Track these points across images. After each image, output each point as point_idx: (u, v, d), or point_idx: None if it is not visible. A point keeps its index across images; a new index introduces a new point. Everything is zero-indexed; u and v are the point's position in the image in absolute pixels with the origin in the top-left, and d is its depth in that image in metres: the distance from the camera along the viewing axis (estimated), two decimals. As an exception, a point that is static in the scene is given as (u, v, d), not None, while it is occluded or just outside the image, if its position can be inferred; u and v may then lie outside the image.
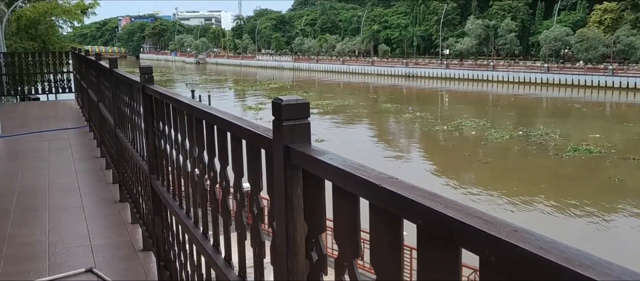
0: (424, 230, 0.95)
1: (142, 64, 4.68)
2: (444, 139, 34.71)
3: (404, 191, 0.99)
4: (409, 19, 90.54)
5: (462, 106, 50.54)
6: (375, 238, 1.11)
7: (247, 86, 70.27)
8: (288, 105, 1.45)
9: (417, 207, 0.94)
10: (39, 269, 4.24)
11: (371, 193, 1.08)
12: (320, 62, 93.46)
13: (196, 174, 2.65)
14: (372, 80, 77.66)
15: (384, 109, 47.85)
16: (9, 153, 8.67)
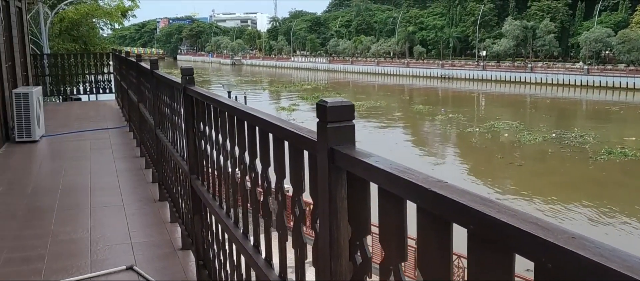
0: (475, 235, 0.94)
1: (179, 65, 4.74)
2: (476, 141, 34.32)
3: (455, 195, 0.98)
4: (445, 20, 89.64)
5: (496, 108, 49.87)
6: (423, 241, 1.10)
7: (280, 87, 70.65)
8: (333, 107, 1.45)
9: (469, 211, 0.93)
10: (81, 266, 4.34)
11: (420, 197, 1.08)
12: (355, 63, 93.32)
13: (237, 175, 2.67)
14: (407, 82, 77.17)
15: (416, 111, 47.60)
16: (52, 152, 8.90)
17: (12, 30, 10.70)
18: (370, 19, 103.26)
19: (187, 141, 3.88)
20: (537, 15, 75.64)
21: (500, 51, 76.28)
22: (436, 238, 1.06)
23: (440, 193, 1.01)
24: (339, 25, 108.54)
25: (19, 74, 11.23)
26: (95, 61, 16.04)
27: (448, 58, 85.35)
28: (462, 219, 0.95)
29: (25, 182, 6.92)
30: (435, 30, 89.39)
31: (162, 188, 5.84)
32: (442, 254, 1.06)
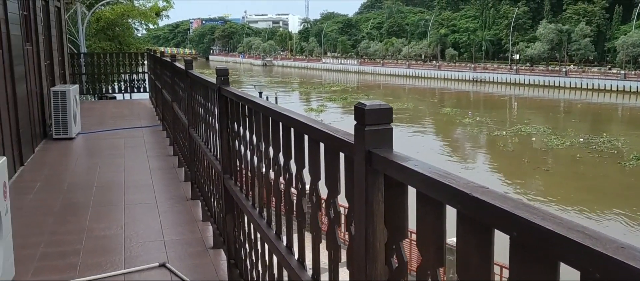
0: (518, 242, 0.93)
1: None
2: (503, 145, 33.94)
3: (497, 202, 0.97)
4: (478, 23, 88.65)
5: (526, 112, 49.23)
6: (463, 247, 1.09)
7: (309, 88, 70.94)
8: (371, 110, 1.45)
9: (513, 218, 0.92)
10: (115, 262, 4.42)
11: (460, 202, 1.07)
12: (386, 65, 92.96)
13: (271, 176, 2.69)
14: (438, 84, 76.57)
15: (443, 114, 47.29)
16: (87, 149, 9.08)
17: (51, 29, 10.96)
18: (402, 21, 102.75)
19: (220, 141, 3.92)
20: (573, 19, 74.22)
21: (534, 55, 75.09)
22: (477, 244, 1.05)
23: (483, 198, 1.00)
24: (370, 27, 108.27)
25: (57, 72, 11.49)
26: (130, 61, 16.33)
27: (480, 61, 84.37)
28: (505, 226, 0.94)
29: (61, 178, 7.08)
30: (468, 33, 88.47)
31: (195, 187, 5.91)
32: (483, 260, 1.04)
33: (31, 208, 5.78)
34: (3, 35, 6.89)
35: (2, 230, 3.63)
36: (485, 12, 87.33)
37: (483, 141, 36.47)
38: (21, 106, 7.66)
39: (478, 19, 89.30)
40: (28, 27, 8.69)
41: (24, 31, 8.23)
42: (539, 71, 71.97)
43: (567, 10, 75.92)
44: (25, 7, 8.56)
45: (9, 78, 7.08)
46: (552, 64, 75.36)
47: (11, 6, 7.31)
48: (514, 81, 71.40)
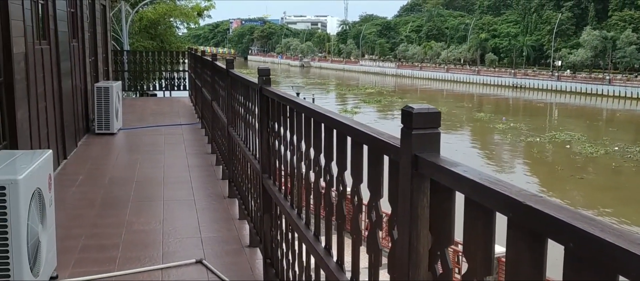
0: (574, 253, 0.90)
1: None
2: (535, 151, 33.36)
3: (552, 211, 0.94)
4: (520, 28, 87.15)
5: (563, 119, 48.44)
6: (514, 256, 1.07)
7: (345, 90, 71.14)
8: (419, 114, 1.43)
9: (569, 228, 0.89)
10: (153, 256, 4.48)
11: (512, 210, 1.04)
12: (424, 69, 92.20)
13: (311, 177, 2.69)
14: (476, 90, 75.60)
15: (476, 118, 46.81)
16: (128, 144, 9.26)
17: (96, 26, 11.22)
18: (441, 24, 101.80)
19: (260, 141, 3.94)
20: (618, 26, 72.28)
21: (577, 62, 73.40)
22: (528, 253, 1.03)
23: (537, 207, 0.97)
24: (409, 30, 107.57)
25: (101, 69, 11.76)
26: (171, 59, 16.61)
27: (521, 67, 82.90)
28: (561, 236, 0.91)
29: (103, 172, 7.23)
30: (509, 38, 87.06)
31: (232, 185, 5.96)
32: (535, 270, 1.02)
33: (73, 201, 5.92)
34: (51, 31, 7.09)
35: (47, 221, 3.72)
36: (527, 17, 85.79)
37: (514, 146, 36.04)
38: (66, 100, 7.86)
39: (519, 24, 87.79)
40: (75, 24, 8.92)
41: (70, 28, 8.45)
42: (581, 78, 70.31)
43: (613, 16, 73.99)
44: (73, 4, 8.78)
45: (55, 73, 7.27)
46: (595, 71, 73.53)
47: (59, 4, 7.51)
48: (555, 87, 69.95)
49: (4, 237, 3.22)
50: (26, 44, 5.81)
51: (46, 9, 6.88)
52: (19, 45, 5.53)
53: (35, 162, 3.58)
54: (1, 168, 3.44)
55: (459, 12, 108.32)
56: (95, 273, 4.13)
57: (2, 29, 5.15)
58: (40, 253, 3.58)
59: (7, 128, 5.28)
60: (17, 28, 5.49)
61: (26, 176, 3.30)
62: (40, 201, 3.59)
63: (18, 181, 3.21)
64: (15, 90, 5.36)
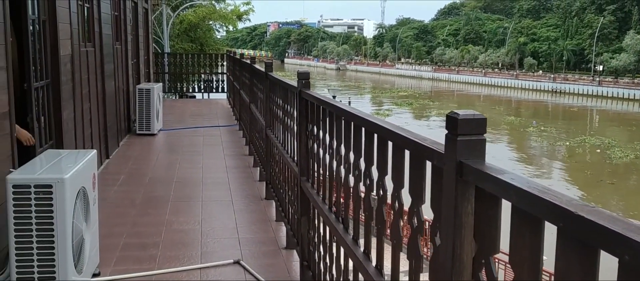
0: (629, 266, 0.88)
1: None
2: (564, 156, 32.78)
3: (606, 222, 0.93)
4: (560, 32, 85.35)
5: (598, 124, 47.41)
6: (564, 267, 1.05)
7: (378, 93, 71.15)
8: (464, 120, 1.42)
9: (625, 241, 0.87)
10: (192, 256, 4.55)
11: (563, 220, 1.03)
12: (461, 73, 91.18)
13: (350, 181, 2.69)
14: (514, 94, 74.40)
15: (507, 122, 46.14)
16: (168, 145, 9.42)
17: (138, 29, 11.46)
18: (479, 28, 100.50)
19: (298, 143, 3.96)
20: (664, 30, 70.16)
21: (619, 67, 71.47)
22: (580, 265, 1.01)
23: (590, 218, 0.95)
24: (446, 33, 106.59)
25: (142, 71, 12.00)
26: (210, 61, 16.84)
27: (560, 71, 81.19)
28: (615, 248, 0.89)
29: (143, 172, 7.37)
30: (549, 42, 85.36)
31: (269, 187, 6.00)
32: None
33: (115, 200, 6.05)
34: (96, 34, 7.27)
35: (91, 219, 3.82)
36: (567, 21, 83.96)
37: (543, 150, 35.62)
38: (109, 102, 8.05)
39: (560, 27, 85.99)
40: (118, 27, 9.13)
41: (114, 31, 8.65)
42: (623, 84, 68.44)
43: (658, 20, 71.85)
44: (117, 8, 8.99)
45: (99, 75, 7.45)
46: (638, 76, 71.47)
47: (104, 7, 7.70)
48: (596, 93, 68.27)
49: (50, 234, 3.31)
50: (72, 46, 5.98)
51: (91, 12, 7.06)
52: (65, 48, 5.69)
53: (81, 161, 3.67)
54: (48, 167, 3.54)
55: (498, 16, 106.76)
56: (135, 271, 4.21)
57: (50, 31, 5.31)
58: (84, 251, 3.68)
59: (54, 128, 5.44)
60: (64, 31, 5.65)
61: (72, 175, 3.40)
62: (84, 199, 3.68)
63: (64, 180, 3.30)
64: (62, 91, 5.52)
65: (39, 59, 5.05)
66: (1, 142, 3.89)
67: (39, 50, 5.03)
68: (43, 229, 3.30)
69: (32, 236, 3.30)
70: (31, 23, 4.80)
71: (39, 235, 3.30)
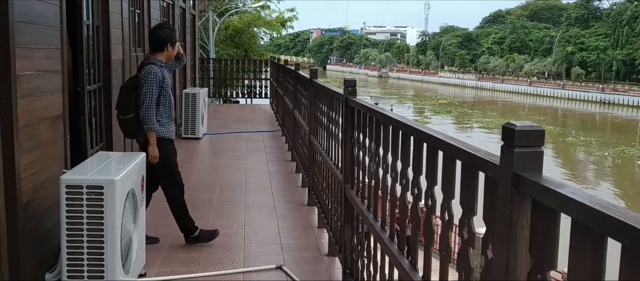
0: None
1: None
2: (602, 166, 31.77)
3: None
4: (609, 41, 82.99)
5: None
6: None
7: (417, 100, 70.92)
8: (521, 131, 1.40)
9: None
10: (235, 260, 4.59)
11: (629, 237, 0.99)
12: (506, 82, 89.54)
13: (397, 189, 2.67)
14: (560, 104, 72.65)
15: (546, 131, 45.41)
16: (212, 149, 9.55)
17: (186, 35, 11.68)
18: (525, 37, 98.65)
19: (343, 151, 3.96)
20: None
21: (673, 78, 69.03)
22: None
23: (659, 236, 0.92)
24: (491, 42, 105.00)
25: (188, 75, 12.22)
26: (254, 67, 17.04)
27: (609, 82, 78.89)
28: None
29: (188, 175, 7.47)
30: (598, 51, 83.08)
31: (312, 193, 6.01)
32: (653, 302, 0.97)
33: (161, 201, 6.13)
34: (146, 39, 7.44)
35: (138, 220, 3.90)
36: (618, 30, 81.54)
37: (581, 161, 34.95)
38: (156, 105, 8.21)
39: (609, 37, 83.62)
40: (167, 33, 9.31)
41: (163, 36, 8.83)
42: (677, 95, 66.08)
43: None
44: (166, 14, 9.20)
45: (147, 79, 7.62)
46: (694, 88, 68.92)
47: (154, 13, 7.89)
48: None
49: (100, 234, 3.40)
50: (123, 51, 6.14)
51: (142, 18, 7.24)
52: (117, 52, 5.85)
53: (131, 163, 3.76)
54: (99, 169, 3.64)
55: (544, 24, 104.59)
56: (180, 272, 4.27)
57: (104, 36, 5.47)
58: (132, 251, 3.76)
59: (104, 130, 5.59)
60: (116, 36, 5.81)
61: (122, 177, 3.48)
62: (133, 201, 3.76)
63: (115, 182, 3.38)
64: (113, 95, 5.66)
65: (92, 63, 5.20)
66: (56, 143, 4.01)
67: (92, 54, 5.19)
68: (93, 229, 3.38)
69: (82, 235, 3.39)
70: (86, 28, 4.96)
71: (90, 234, 3.39)
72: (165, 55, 4.72)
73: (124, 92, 4.70)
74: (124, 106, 4.64)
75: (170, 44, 4.71)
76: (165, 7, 9.11)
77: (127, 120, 4.65)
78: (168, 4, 9.42)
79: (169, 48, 4.72)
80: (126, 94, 4.65)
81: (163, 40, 4.68)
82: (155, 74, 4.53)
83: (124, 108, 4.64)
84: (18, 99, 3.30)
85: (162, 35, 4.73)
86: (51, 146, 3.92)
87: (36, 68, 3.62)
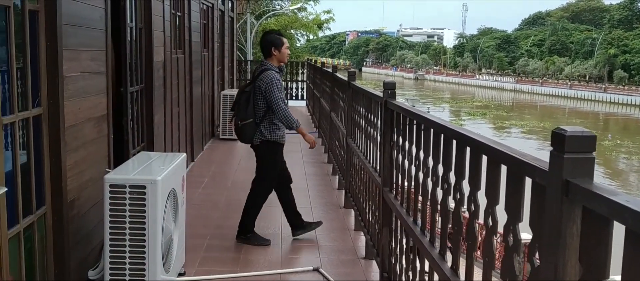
0: None
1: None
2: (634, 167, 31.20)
3: None
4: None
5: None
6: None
7: (453, 103, 70.39)
8: (572, 137, 1.36)
9: None
10: (272, 261, 4.62)
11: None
12: (545, 85, 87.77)
13: (438, 194, 2.64)
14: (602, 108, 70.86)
15: None
16: (249, 150, 9.49)
17: (224, 37, 11.82)
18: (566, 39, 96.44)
19: (382, 153, 3.94)
20: None
21: None
22: None
23: None
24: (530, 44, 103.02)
25: (226, 77, 12.36)
26: (291, 69, 17.10)
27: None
28: None
29: (226, 176, 7.57)
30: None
31: (348, 196, 6.01)
32: None
33: (200, 202, 6.24)
34: (186, 41, 7.56)
35: (179, 220, 3.96)
36: (664, 32, 79.14)
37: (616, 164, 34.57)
38: (195, 106, 8.34)
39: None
40: (206, 35, 9.46)
41: (202, 39, 8.97)
42: None
43: None
44: (205, 17, 9.32)
45: (188, 81, 7.74)
46: None
47: (194, 15, 8.00)
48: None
49: (142, 233, 3.46)
50: (165, 53, 6.24)
51: (183, 21, 7.35)
52: (159, 54, 5.95)
53: (172, 164, 3.82)
54: (141, 169, 3.70)
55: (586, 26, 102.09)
56: (218, 272, 4.32)
57: (146, 39, 5.57)
58: (172, 250, 3.81)
59: (146, 131, 5.69)
60: (158, 38, 5.92)
61: (164, 177, 3.53)
62: (174, 201, 3.82)
63: (157, 182, 3.44)
64: (154, 96, 5.77)
65: (135, 65, 5.31)
66: (100, 143, 4.11)
67: (135, 56, 5.29)
68: (135, 228, 3.45)
69: (125, 234, 3.46)
70: (129, 31, 5.06)
71: (132, 233, 3.45)
72: (275, 59, 4.92)
73: (242, 97, 4.92)
74: (243, 111, 4.85)
75: (275, 47, 4.90)
76: (204, 10, 9.23)
77: (245, 125, 4.89)
78: (208, 6, 9.54)
79: (275, 51, 4.89)
80: (245, 100, 4.87)
81: (268, 44, 4.91)
82: (277, 78, 4.79)
83: (243, 114, 4.86)
84: (65, 99, 3.39)
85: (268, 39, 4.96)
86: (95, 145, 4.02)
87: (82, 70, 3.71)
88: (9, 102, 2.91)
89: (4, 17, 2.84)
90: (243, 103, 4.86)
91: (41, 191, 3.31)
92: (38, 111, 3.22)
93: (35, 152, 3.19)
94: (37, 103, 3.23)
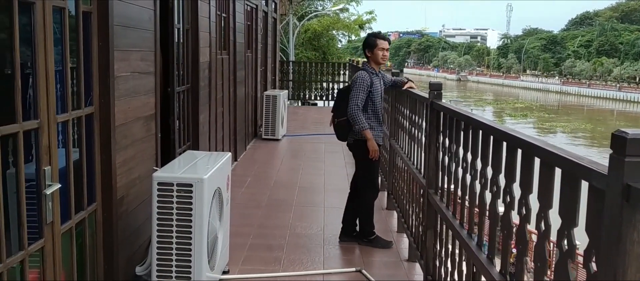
0: None
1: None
2: None
3: None
4: None
5: None
6: None
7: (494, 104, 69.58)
8: (634, 139, 1.32)
9: None
10: (315, 261, 4.63)
11: None
12: (592, 86, 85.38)
13: (486, 196, 2.60)
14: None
15: None
16: (291, 150, 9.67)
17: (267, 38, 11.92)
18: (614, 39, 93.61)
19: (427, 155, 3.90)
20: None
21: None
22: None
23: None
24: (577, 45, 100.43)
25: (269, 78, 12.46)
26: (332, 70, 17.15)
27: None
28: None
29: (268, 175, 7.63)
30: (697, 54, 77.68)
31: (391, 197, 5.97)
32: None
33: (243, 201, 6.30)
34: (230, 43, 7.65)
35: (223, 218, 4.00)
36: None
37: None
38: (239, 106, 8.43)
39: None
40: (250, 36, 9.55)
41: (246, 39, 9.06)
42: None
43: None
44: (249, 18, 9.42)
45: (232, 81, 7.83)
46: None
47: (239, 17, 8.09)
48: None
49: (188, 231, 3.51)
50: (210, 53, 6.33)
51: (227, 22, 7.44)
52: (204, 55, 6.04)
53: (217, 163, 3.86)
54: (188, 168, 3.76)
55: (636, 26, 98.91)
56: (261, 271, 4.36)
57: (193, 40, 5.66)
58: (217, 249, 3.86)
59: (191, 130, 5.78)
60: (204, 39, 6.01)
61: (210, 176, 3.58)
62: (219, 199, 3.87)
63: (203, 180, 3.48)
64: (200, 96, 5.86)
65: (181, 65, 5.40)
66: (148, 141, 4.19)
67: (181, 57, 5.39)
68: (182, 226, 3.50)
69: (172, 231, 3.51)
70: (176, 32, 5.15)
71: (178, 231, 3.50)
72: (372, 60, 4.98)
73: (339, 96, 5.08)
74: (338, 109, 5.00)
75: (368, 48, 4.96)
76: (249, 11, 9.33)
77: (340, 123, 5.00)
78: (252, 7, 9.64)
79: (368, 53, 4.97)
80: (340, 98, 5.02)
81: (363, 47, 5.03)
82: (363, 78, 4.83)
83: (338, 111, 5.00)
84: (116, 99, 3.47)
85: (364, 42, 5.06)
86: (144, 144, 4.10)
87: (132, 70, 3.79)
88: (62, 100, 3.00)
89: (59, 18, 2.92)
90: (339, 102, 5.01)
91: (92, 188, 3.39)
92: (90, 109, 3.30)
93: (87, 149, 3.27)
94: (89, 102, 3.31)
